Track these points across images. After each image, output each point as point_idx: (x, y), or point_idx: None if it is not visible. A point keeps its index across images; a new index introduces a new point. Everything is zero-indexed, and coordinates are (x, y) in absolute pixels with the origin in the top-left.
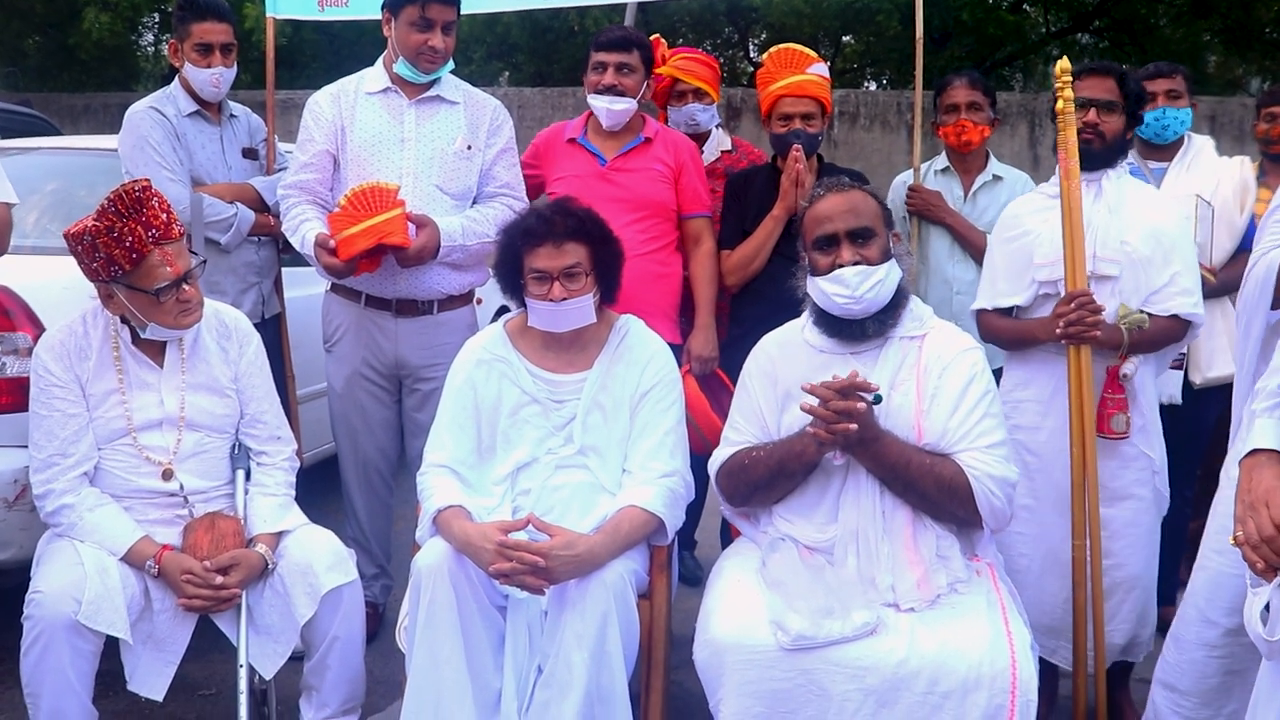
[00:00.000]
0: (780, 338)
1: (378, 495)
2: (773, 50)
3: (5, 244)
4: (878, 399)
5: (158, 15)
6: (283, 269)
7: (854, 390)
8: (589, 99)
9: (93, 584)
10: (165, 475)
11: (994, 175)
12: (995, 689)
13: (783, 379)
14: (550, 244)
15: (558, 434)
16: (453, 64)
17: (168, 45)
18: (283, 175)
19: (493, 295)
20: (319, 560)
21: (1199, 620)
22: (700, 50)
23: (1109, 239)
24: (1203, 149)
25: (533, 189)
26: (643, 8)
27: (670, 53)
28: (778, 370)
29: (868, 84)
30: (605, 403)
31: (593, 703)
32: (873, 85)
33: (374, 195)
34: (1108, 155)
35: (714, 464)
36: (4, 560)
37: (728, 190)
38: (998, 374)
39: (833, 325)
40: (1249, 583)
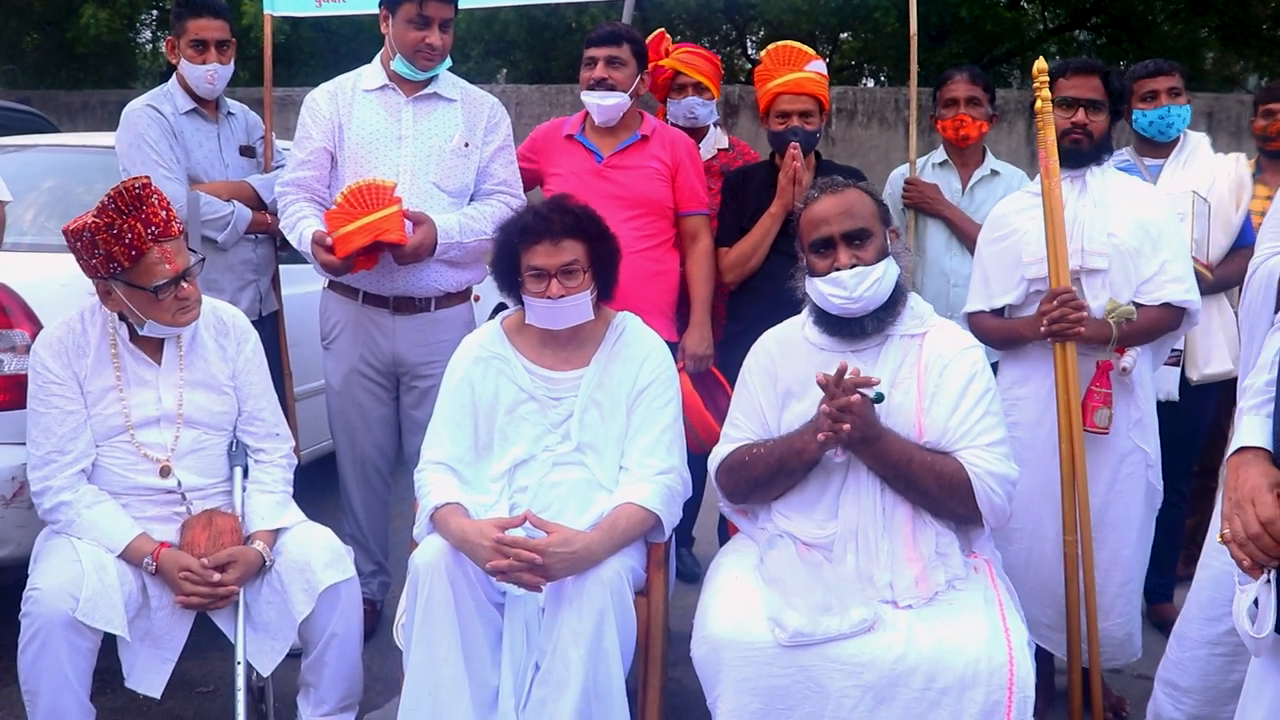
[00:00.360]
0: (781, 335)
1: (375, 492)
2: (771, 48)
3: None
4: (879, 397)
5: (155, 12)
6: (280, 266)
7: (853, 385)
8: (582, 96)
9: (90, 581)
10: (163, 472)
11: (991, 170)
12: (992, 685)
13: (783, 376)
14: (547, 241)
15: (555, 431)
16: (450, 61)
17: (165, 42)
18: (280, 173)
19: (490, 292)
20: (317, 557)
21: (1201, 618)
22: (703, 47)
23: (1095, 233)
24: (1199, 146)
25: (528, 180)
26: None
27: (674, 47)
28: (778, 367)
29: (865, 81)
30: (602, 400)
31: (590, 700)
32: (870, 82)
33: (371, 192)
34: (1094, 153)
35: (714, 460)
36: (2, 557)
37: (726, 188)
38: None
39: (832, 324)
40: (1237, 580)
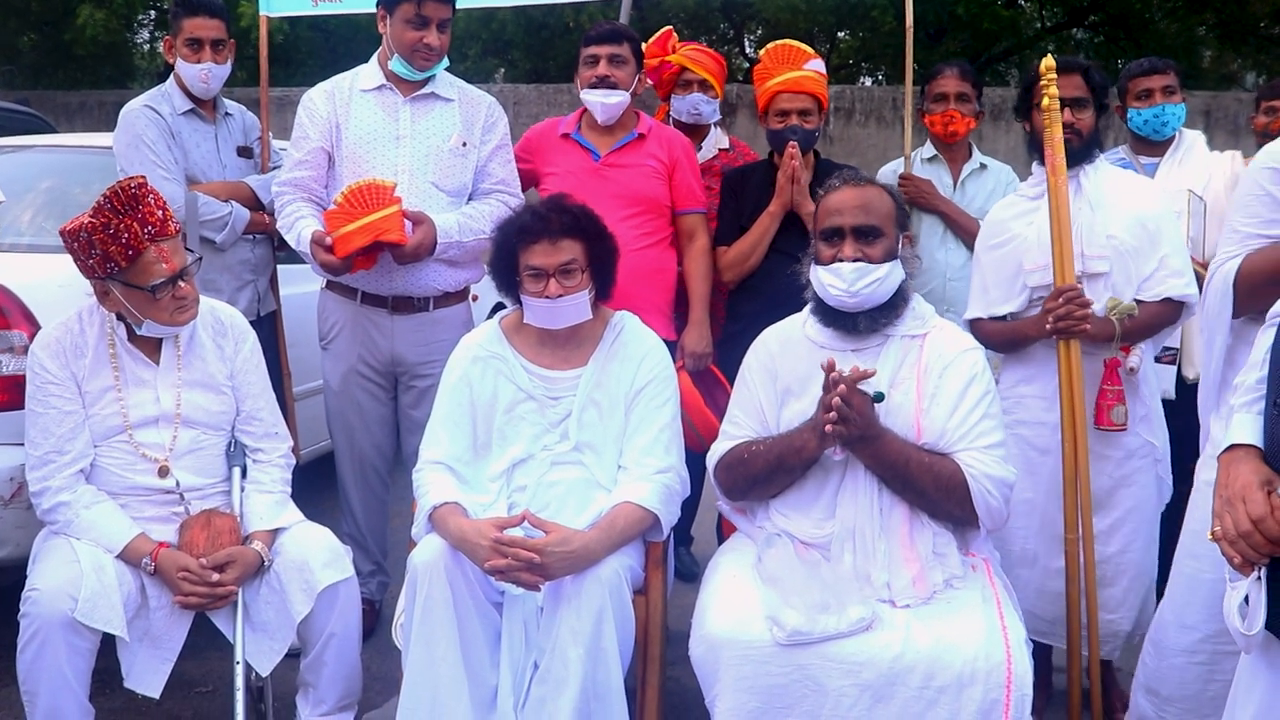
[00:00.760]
0: (781, 333)
1: (374, 492)
2: (770, 46)
3: None
4: (880, 397)
5: (153, 12)
6: (278, 266)
7: (853, 381)
8: (582, 95)
9: (89, 581)
10: (161, 472)
11: (980, 164)
12: (990, 683)
13: (783, 374)
14: (546, 241)
15: (553, 430)
16: (447, 61)
17: (163, 42)
18: (277, 173)
19: (488, 292)
20: (315, 557)
21: (1176, 625)
22: (706, 46)
23: (1094, 236)
24: (1194, 144)
25: (523, 180)
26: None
27: (680, 44)
28: (778, 365)
29: (863, 80)
30: (600, 399)
31: (589, 698)
32: (868, 81)
33: (370, 192)
34: (1084, 151)
35: (713, 457)
36: (1, 558)
37: (724, 186)
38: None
39: (828, 315)
40: (1228, 577)
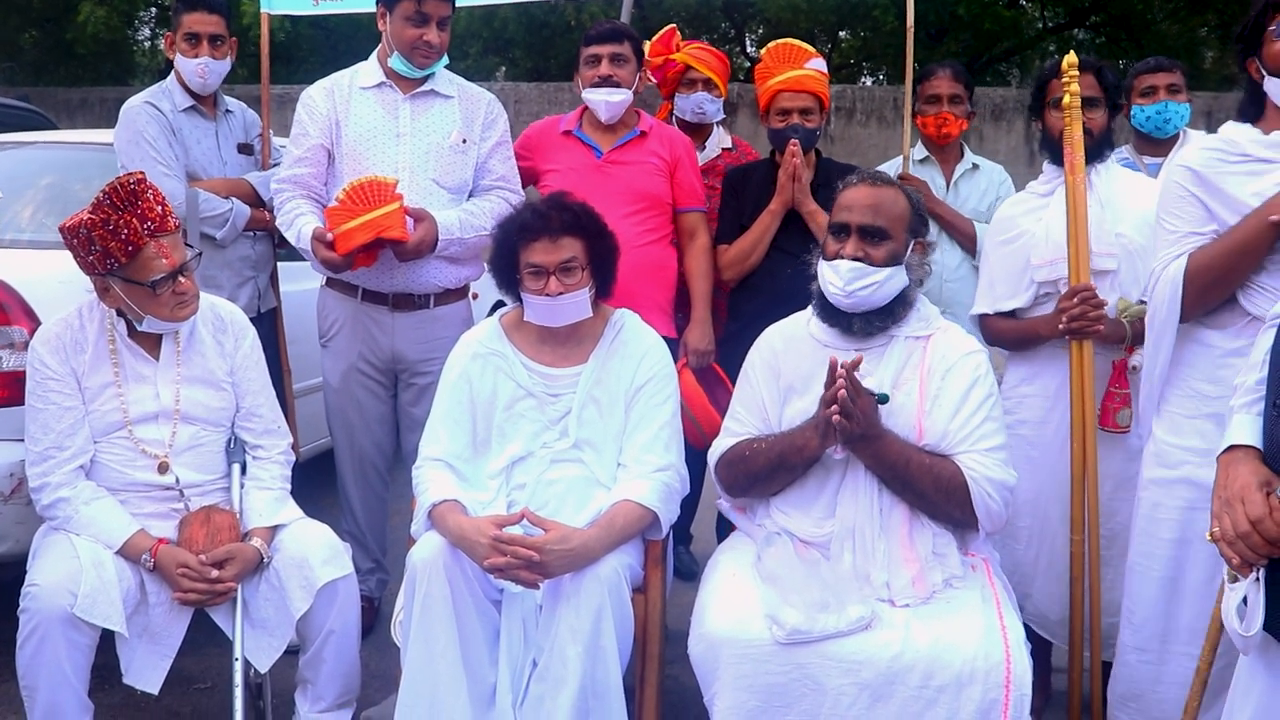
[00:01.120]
0: (785, 331)
1: (373, 490)
2: (772, 45)
3: None
4: (884, 398)
5: (154, 9)
6: (278, 263)
7: (848, 370)
8: (584, 94)
9: (89, 577)
10: (161, 468)
11: (972, 164)
12: (989, 683)
13: (786, 372)
14: (546, 239)
15: (553, 428)
16: (447, 59)
17: (164, 38)
18: (277, 170)
19: (488, 290)
20: (314, 554)
21: (1125, 622)
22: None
23: (1103, 233)
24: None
25: (523, 178)
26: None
27: (684, 43)
28: (781, 363)
29: (864, 79)
30: (600, 397)
31: (587, 697)
32: (869, 80)
33: (373, 189)
34: (1096, 150)
35: (714, 454)
36: (0, 553)
37: (725, 185)
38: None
39: (826, 310)
40: (1226, 578)
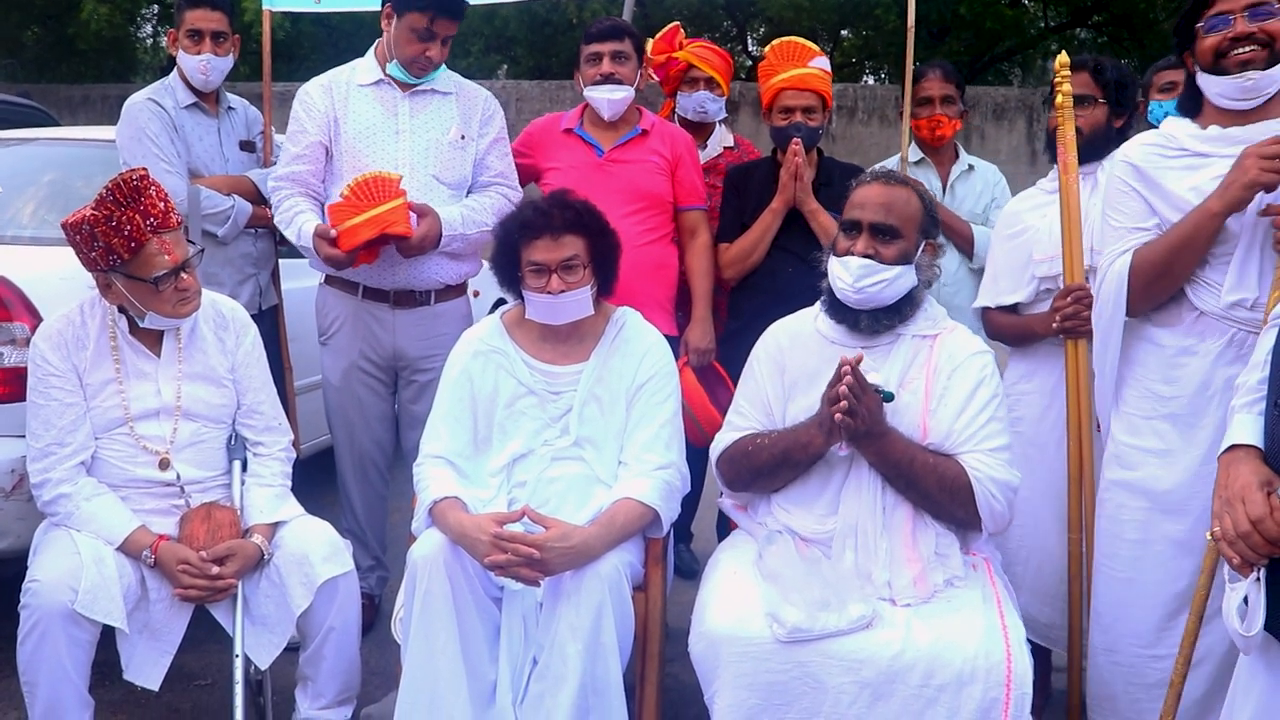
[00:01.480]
0: (791, 326)
1: (374, 487)
2: (775, 43)
3: None
4: (889, 397)
5: (156, 7)
6: (280, 261)
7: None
8: (586, 92)
9: (89, 573)
10: (162, 465)
11: (968, 165)
12: (990, 682)
13: (791, 368)
14: (548, 236)
15: (554, 426)
16: (444, 67)
17: (167, 35)
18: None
19: (489, 287)
20: (315, 551)
21: (1095, 624)
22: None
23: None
24: None
25: (524, 176)
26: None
27: (687, 41)
28: (786, 359)
29: (866, 78)
30: (602, 395)
31: (587, 694)
32: (870, 79)
33: (377, 185)
34: (1093, 148)
35: (716, 448)
36: (1, 549)
37: (727, 183)
38: None
39: (834, 306)
40: (1226, 578)
